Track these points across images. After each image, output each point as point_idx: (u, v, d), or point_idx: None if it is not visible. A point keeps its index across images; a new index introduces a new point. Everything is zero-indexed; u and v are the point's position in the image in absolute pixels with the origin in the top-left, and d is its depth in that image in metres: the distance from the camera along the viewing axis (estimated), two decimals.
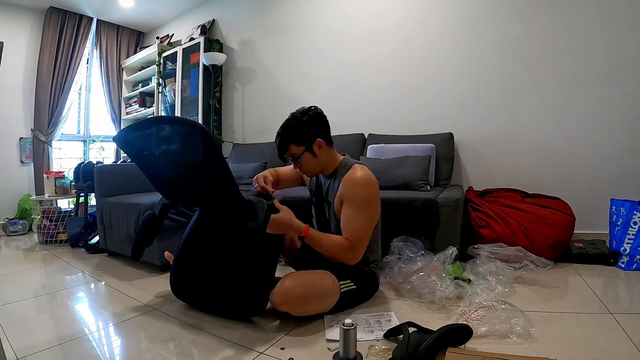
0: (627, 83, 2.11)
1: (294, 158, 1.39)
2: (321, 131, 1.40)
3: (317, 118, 1.39)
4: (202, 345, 1.17)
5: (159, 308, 1.49)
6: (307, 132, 1.37)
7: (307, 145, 1.37)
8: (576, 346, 1.08)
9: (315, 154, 1.38)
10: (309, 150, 1.37)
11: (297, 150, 1.37)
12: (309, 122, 1.37)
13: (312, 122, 1.38)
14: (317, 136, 1.37)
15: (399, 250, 1.68)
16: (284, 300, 1.23)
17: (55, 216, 2.93)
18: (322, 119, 1.41)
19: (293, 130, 1.37)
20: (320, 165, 1.43)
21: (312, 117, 1.38)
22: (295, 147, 1.37)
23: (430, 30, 2.71)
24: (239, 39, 3.80)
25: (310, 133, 1.37)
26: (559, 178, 2.29)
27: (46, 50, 3.83)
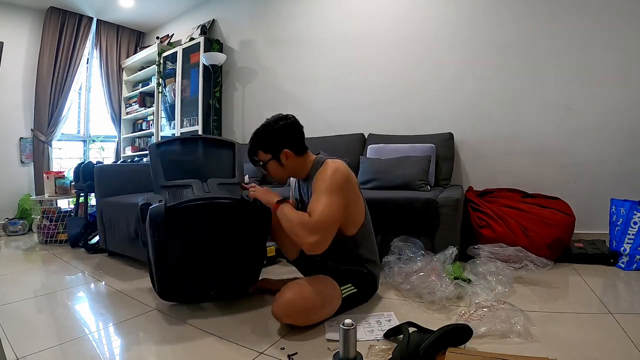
0: (627, 83, 2.11)
1: (259, 162, 1.43)
2: (290, 142, 1.38)
3: (288, 128, 1.39)
4: (202, 345, 1.17)
5: (159, 308, 1.49)
6: (275, 141, 1.38)
7: (273, 154, 1.38)
8: (576, 346, 1.08)
9: (282, 163, 1.39)
10: (276, 158, 1.39)
11: (264, 157, 1.40)
12: (278, 131, 1.38)
13: (282, 132, 1.38)
14: (285, 146, 1.37)
15: (399, 250, 1.68)
16: (286, 313, 1.22)
17: (55, 216, 2.94)
18: (293, 129, 1.40)
19: (262, 137, 1.40)
20: (287, 173, 1.44)
21: (283, 126, 1.38)
22: (262, 154, 1.41)
23: (431, 30, 2.71)
24: (239, 39, 3.80)
25: (279, 142, 1.37)
26: (559, 178, 2.29)
27: (46, 50, 3.84)
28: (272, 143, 1.38)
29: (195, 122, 3.73)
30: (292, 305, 1.22)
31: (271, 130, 1.38)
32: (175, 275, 1.41)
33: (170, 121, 4.08)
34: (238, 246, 1.41)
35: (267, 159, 1.40)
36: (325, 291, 1.28)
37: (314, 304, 1.24)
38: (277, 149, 1.38)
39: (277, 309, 1.23)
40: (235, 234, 1.39)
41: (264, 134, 1.40)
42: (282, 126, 1.38)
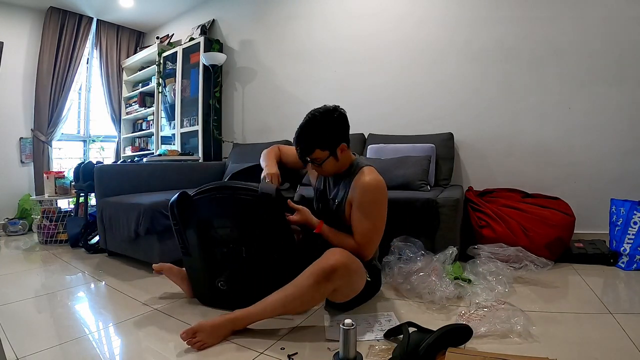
0: (627, 83, 2.11)
1: (315, 161, 1.35)
2: (345, 135, 1.36)
3: (342, 120, 1.35)
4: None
5: (159, 308, 1.49)
6: (333, 136, 1.32)
7: (331, 150, 1.33)
8: (576, 346, 1.08)
9: (338, 158, 1.35)
10: (333, 155, 1.34)
11: (322, 155, 1.33)
12: (335, 125, 1.32)
13: (339, 125, 1.33)
14: (342, 140, 1.34)
15: (399, 250, 1.68)
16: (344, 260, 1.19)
17: (55, 216, 2.93)
18: (346, 122, 1.37)
19: (319, 134, 1.31)
20: (339, 168, 1.40)
21: (337, 119, 1.33)
22: (320, 152, 1.32)
23: (431, 30, 2.71)
24: (239, 39, 3.80)
25: (336, 137, 1.32)
26: (559, 178, 2.29)
27: (46, 50, 3.83)
28: (330, 139, 1.31)
29: (195, 122, 3.73)
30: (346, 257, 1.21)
31: (326, 126, 1.31)
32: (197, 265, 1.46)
33: (170, 121, 4.07)
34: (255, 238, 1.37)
35: (324, 157, 1.33)
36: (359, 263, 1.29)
37: (358, 269, 1.27)
38: (334, 145, 1.32)
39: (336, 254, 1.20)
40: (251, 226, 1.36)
41: (320, 131, 1.30)
42: (337, 119, 1.32)
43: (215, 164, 3.40)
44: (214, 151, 3.72)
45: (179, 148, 3.82)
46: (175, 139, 3.94)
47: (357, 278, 1.29)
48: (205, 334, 1.14)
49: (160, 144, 4.15)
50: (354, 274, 1.26)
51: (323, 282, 1.17)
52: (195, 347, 1.13)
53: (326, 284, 1.17)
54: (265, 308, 1.20)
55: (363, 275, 1.32)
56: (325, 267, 1.17)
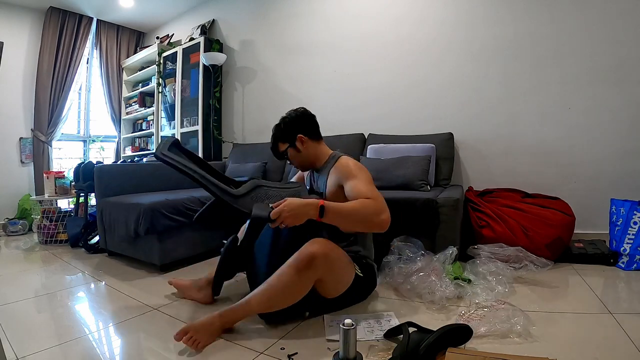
0: (626, 83, 2.11)
1: (283, 155, 1.54)
2: (303, 127, 1.51)
3: (300, 116, 1.52)
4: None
5: (159, 308, 1.49)
6: (289, 129, 1.50)
7: (290, 141, 1.50)
8: (576, 346, 1.08)
9: (298, 148, 1.49)
10: (292, 145, 1.50)
11: (283, 147, 1.52)
12: (291, 120, 1.51)
13: (295, 120, 1.51)
14: (298, 132, 1.49)
15: (399, 250, 1.68)
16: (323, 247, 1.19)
17: (55, 216, 2.93)
18: (305, 117, 1.53)
19: (277, 129, 1.53)
20: (307, 159, 1.53)
21: (295, 116, 1.52)
22: (281, 144, 1.52)
23: (430, 30, 2.71)
24: (239, 39, 3.80)
25: (292, 130, 1.50)
26: (559, 178, 2.29)
27: (46, 50, 3.84)
28: (287, 131, 1.50)
29: (195, 122, 3.73)
30: (326, 245, 1.21)
31: (285, 122, 1.52)
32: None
33: (170, 121, 4.08)
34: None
35: (285, 148, 1.51)
36: (343, 253, 1.31)
37: (340, 257, 1.28)
38: (292, 136, 1.49)
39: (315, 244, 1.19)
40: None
41: (279, 127, 1.52)
42: (294, 116, 1.52)
43: (215, 164, 3.40)
44: (214, 151, 3.72)
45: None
46: None
47: (342, 268, 1.29)
48: (198, 332, 1.15)
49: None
50: (336, 263, 1.26)
51: (304, 270, 1.17)
52: (190, 344, 1.13)
53: (307, 272, 1.17)
54: (250, 302, 1.21)
55: (349, 267, 1.33)
56: (305, 255, 1.18)
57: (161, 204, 2.01)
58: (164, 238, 2.02)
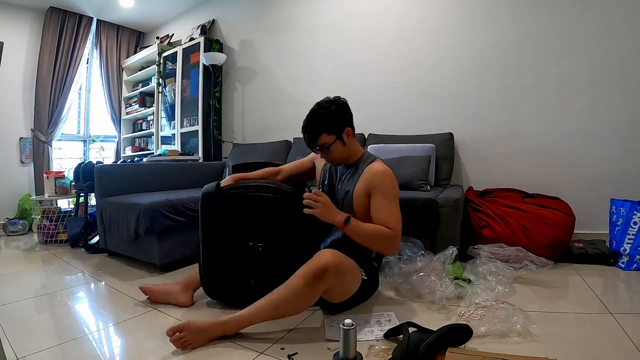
0: (626, 83, 2.11)
1: (323, 147, 1.40)
2: (349, 120, 1.43)
3: (345, 107, 1.43)
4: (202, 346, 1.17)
5: (159, 308, 1.49)
6: (337, 120, 1.39)
7: (337, 134, 1.39)
8: (576, 346, 1.08)
9: (345, 142, 1.41)
10: (340, 138, 1.39)
11: (329, 139, 1.38)
12: (338, 110, 1.40)
13: (342, 111, 1.41)
14: (346, 125, 1.41)
15: (399, 250, 1.68)
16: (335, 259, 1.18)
17: (55, 216, 2.93)
18: (348, 108, 1.45)
19: (324, 119, 1.38)
20: (347, 154, 1.44)
21: (340, 106, 1.41)
22: (326, 136, 1.38)
23: (430, 30, 2.71)
24: (239, 39, 3.80)
25: (340, 121, 1.40)
26: (559, 178, 2.29)
27: (46, 50, 3.83)
28: (335, 123, 1.39)
29: (195, 122, 3.73)
30: (339, 255, 1.21)
31: (331, 111, 1.39)
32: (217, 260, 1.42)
33: (170, 121, 4.08)
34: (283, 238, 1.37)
35: (331, 141, 1.38)
36: (352, 262, 1.29)
37: (349, 267, 1.26)
38: (340, 129, 1.39)
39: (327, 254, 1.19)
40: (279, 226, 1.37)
41: (325, 116, 1.38)
42: (339, 105, 1.41)
43: (215, 164, 3.41)
44: (214, 151, 3.72)
45: (179, 148, 3.82)
46: (175, 139, 3.94)
47: (351, 277, 1.28)
48: (193, 334, 1.13)
49: (160, 144, 4.15)
50: (347, 274, 1.25)
51: (314, 282, 1.16)
52: (178, 344, 1.12)
53: (317, 284, 1.17)
54: (257, 311, 1.19)
55: (357, 275, 1.32)
56: (316, 268, 1.16)
57: (161, 204, 2.01)
58: (164, 238, 2.02)
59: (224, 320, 1.19)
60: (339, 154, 1.43)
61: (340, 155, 1.43)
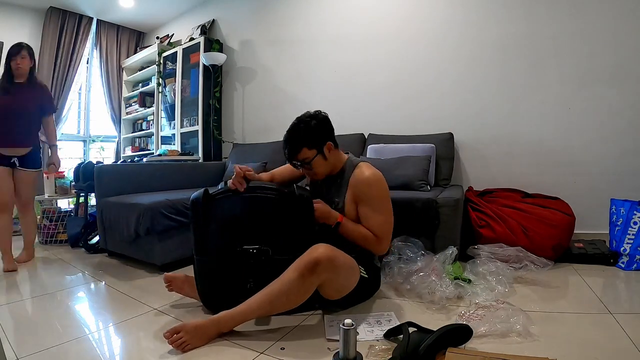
0: (627, 83, 2.11)
1: (304, 162, 1.41)
2: (330, 134, 1.45)
3: (326, 121, 1.45)
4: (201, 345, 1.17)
5: (159, 308, 1.49)
6: (318, 135, 1.40)
7: (318, 148, 1.40)
8: (576, 346, 1.08)
9: (326, 156, 1.42)
10: (321, 153, 1.41)
11: (310, 154, 1.40)
12: (319, 125, 1.41)
13: (323, 125, 1.42)
14: (327, 139, 1.42)
15: (399, 250, 1.68)
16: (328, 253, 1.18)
17: (55, 216, 2.93)
18: (329, 123, 1.46)
19: (304, 134, 1.39)
20: (329, 168, 1.46)
21: (321, 120, 1.42)
22: (307, 151, 1.39)
23: (430, 30, 2.71)
24: (239, 39, 3.80)
25: (322, 136, 1.41)
26: (559, 178, 2.29)
27: (46, 50, 3.84)
28: (316, 137, 1.40)
29: (195, 122, 3.73)
30: (334, 250, 1.21)
31: (310, 126, 1.40)
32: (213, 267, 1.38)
33: (170, 121, 4.08)
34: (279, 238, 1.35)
35: (312, 156, 1.40)
36: (348, 258, 1.29)
37: (344, 262, 1.26)
38: (321, 143, 1.40)
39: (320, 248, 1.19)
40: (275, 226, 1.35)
41: (305, 131, 1.39)
42: (320, 120, 1.42)
43: (215, 164, 3.41)
44: (214, 151, 3.72)
45: (179, 148, 3.82)
46: (175, 139, 3.94)
47: (347, 272, 1.28)
48: (189, 334, 1.13)
49: (160, 144, 4.15)
50: (341, 268, 1.25)
51: (307, 275, 1.16)
52: (176, 346, 1.11)
53: (310, 277, 1.17)
54: (251, 307, 1.19)
55: (354, 271, 1.31)
56: (309, 260, 1.17)
57: (161, 204, 2.01)
58: (164, 238, 2.02)
59: (219, 316, 1.19)
60: (321, 169, 1.44)
61: (323, 169, 1.45)
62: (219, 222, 1.36)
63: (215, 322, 1.18)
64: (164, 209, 2.01)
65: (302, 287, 1.18)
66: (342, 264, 1.24)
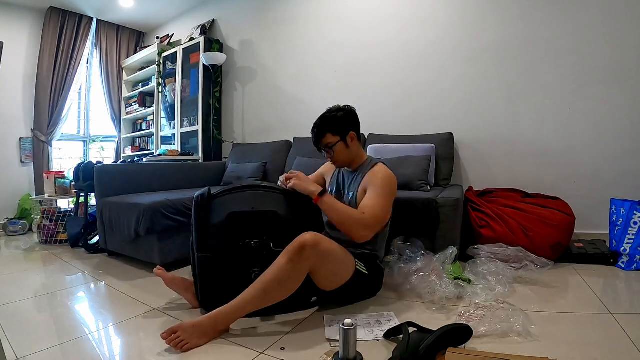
0: (627, 83, 2.11)
1: (328, 147, 1.52)
2: (354, 126, 1.56)
3: (352, 114, 1.57)
4: (202, 345, 1.17)
5: (159, 308, 1.49)
6: (342, 124, 1.52)
7: (341, 136, 1.51)
8: (576, 346, 1.08)
9: (348, 144, 1.52)
10: (343, 140, 1.51)
11: (333, 140, 1.51)
12: (345, 115, 1.54)
13: (347, 116, 1.54)
14: (350, 129, 1.53)
15: (399, 250, 1.68)
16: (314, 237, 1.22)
17: (55, 216, 2.93)
18: (355, 116, 1.58)
19: (330, 121, 1.52)
20: (350, 157, 1.55)
21: (347, 112, 1.55)
22: (331, 136, 1.51)
23: (431, 30, 2.71)
24: (239, 39, 3.80)
25: (345, 125, 1.52)
26: (559, 178, 2.29)
27: (46, 50, 3.84)
28: (340, 125, 1.52)
29: (195, 122, 3.73)
30: (320, 236, 1.25)
31: (337, 115, 1.53)
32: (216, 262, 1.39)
33: (170, 121, 4.08)
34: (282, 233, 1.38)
35: (335, 141, 1.51)
36: (340, 247, 1.34)
37: (333, 250, 1.30)
38: (344, 131, 1.52)
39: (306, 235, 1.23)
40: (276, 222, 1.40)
41: (331, 119, 1.53)
42: (346, 111, 1.55)
43: (215, 164, 3.41)
44: (214, 151, 3.72)
45: (179, 148, 3.82)
46: (175, 139, 3.94)
47: (336, 259, 1.31)
48: (187, 333, 1.14)
49: (160, 144, 4.15)
50: (330, 254, 1.28)
51: (295, 259, 1.19)
52: (174, 345, 1.11)
53: (299, 260, 1.20)
54: (246, 299, 1.20)
55: (346, 261, 1.35)
56: (295, 244, 1.21)
57: (161, 204, 2.01)
58: (164, 238, 2.02)
59: (215, 313, 1.20)
60: (342, 156, 1.54)
61: (344, 157, 1.54)
62: (221, 218, 1.39)
63: (212, 318, 1.19)
64: (164, 209, 2.01)
65: (293, 272, 1.21)
66: (328, 249, 1.27)
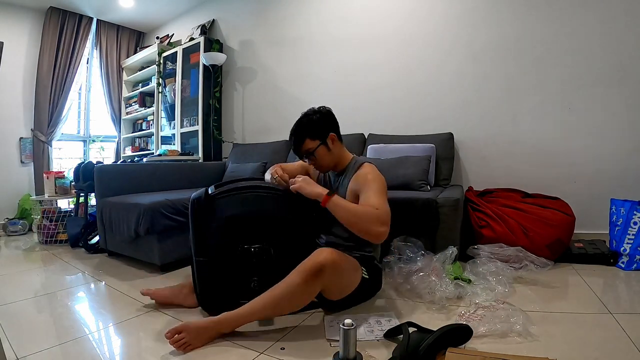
0: (626, 83, 2.11)
1: (309, 152, 1.46)
2: (333, 127, 1.49)
3: (329, 115, 1.50)
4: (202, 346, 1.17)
5: (159, 308, 1.49)
6: (320, 126, 1.46)
7: (321, 139, 1.45)
8: (576, 346, 1.08)
9: (329, 147, 1.46)
10: (324, 143, 1.45)
11: (313, 144, 1.45)
12: (321, 118, 1.47)
13: (324, 118, 1.48)
14: (329, 131, 1.47)
15: (399, 250, 1.68)
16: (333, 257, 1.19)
17: (55, 216, 2.93)
18: (332, 116, 1.51)
19: (307, 125, 1.46)
20: (334, 160, 1.49)
21: (323, 114, 1.49)
22: (310, 141, 1.45)
23: (431, 30, 2.71)
24: (239, 39, 3.80)
25: (324, 128, 1.46)
26: (559, 178, 2.29)
27: (46, 50, 3.83)
28: (318, 128, 1.45)
29: (195, 122, 3.73)
30: (335, 252, 1.22)
31: (314, 119, 1.47)
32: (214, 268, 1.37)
33: (170, 121, 4.08)
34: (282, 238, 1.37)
35: (315, 146, 1.44)
36: (351, 260, 1.32)
37: (348, 265, 1.28)
38: (323, 134, 1.45)
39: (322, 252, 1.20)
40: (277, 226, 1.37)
41: (308, 123, 1.46)
42: (323, 114, 1.49)
43: (215, 164, 3.41)
44: (214, 151, 3.72)
45: (179, 148, 3.82)
46: (175, 139, 3.94)
47: (349, 274, 1.30)
48: (191, 335, 1.13)
49: (160, 144, 4.15)
50: (345, 272, 1.27)
51: (311, 280, 1.17)
52: (178, 346, 1.11)
53: (315, 281, 1.18)
54: (255, 309, 1.19)
55: (357, 272, 1.34)
56: (314, 265, 1.18)
57: (161, 204, 2.01)
58: (164, 238, 2.02)
59: (221, 318, 1.19)
60: (325, 160, 1.47)
61: (327, 161, 1.48)
62: (219, 221, 1.36)
63: (217, 323, 1.18)
64: (164, 209, 2.01)
65: (306, 292, 1.19)
66: (344, 267, 1.26)
